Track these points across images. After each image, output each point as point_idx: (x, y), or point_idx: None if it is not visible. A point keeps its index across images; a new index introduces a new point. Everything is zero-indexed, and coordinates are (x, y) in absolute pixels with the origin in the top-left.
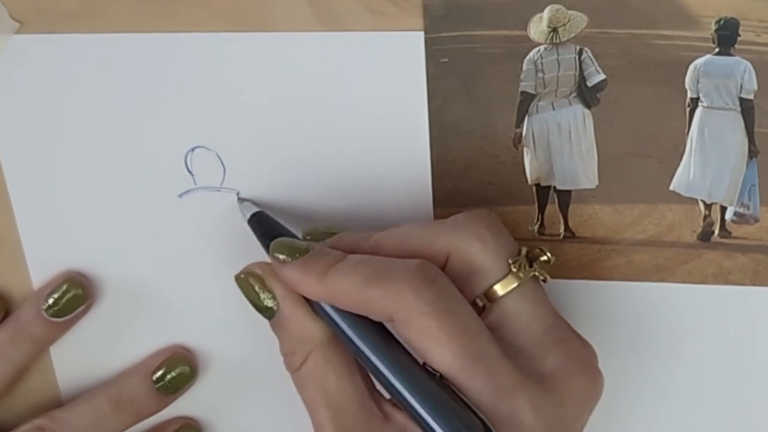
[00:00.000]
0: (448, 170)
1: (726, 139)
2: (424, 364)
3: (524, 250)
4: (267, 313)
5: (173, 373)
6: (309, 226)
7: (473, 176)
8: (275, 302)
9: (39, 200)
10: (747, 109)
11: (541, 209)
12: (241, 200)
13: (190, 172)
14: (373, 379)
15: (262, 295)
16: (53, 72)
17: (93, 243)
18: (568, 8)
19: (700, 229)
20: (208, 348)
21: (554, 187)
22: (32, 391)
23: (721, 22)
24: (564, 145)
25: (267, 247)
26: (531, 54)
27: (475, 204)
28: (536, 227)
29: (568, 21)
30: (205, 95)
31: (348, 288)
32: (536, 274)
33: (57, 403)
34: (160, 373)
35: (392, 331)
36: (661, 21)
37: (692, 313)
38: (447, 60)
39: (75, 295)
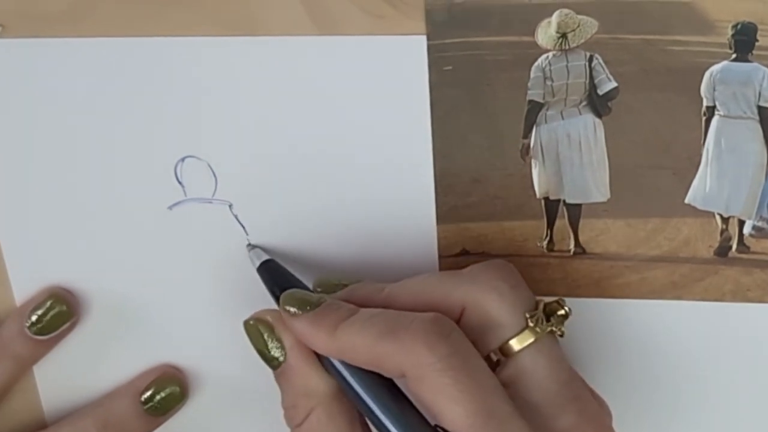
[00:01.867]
0: (453, 184)
1: (744, 150)
2: (436, 426)
3: (542, 304)
4: (273, 363)
5: (163, 394)
6: (320, 276)
7: (479, 190)
8: (283, 352)
9: (22, 212)
10: (766, 118)
11: (550, 224)
12: (251, 246)
13: (180, 183)
14: None
15: (270, 344)
16: (37, 78)
17: (79, 257)
18: (578, 12)
19: (717, 244)
20: (199, 367)
21: (564, 201)
22: (15, 412)
23: (738, 26)
24: (574, 156)
25: (276, 297)
26: (539, 61)
27: (481, 219)
28: (545, 243)
29: (578, 26)
30: (195, 102)
31: (359, 343)
32: (553, 329)
33: (41, 425)
34: (149, 393)
35: (402, 389)
36: (676, 26)
37: (709, 332)
38: (451, 68)
39: (59, 312)
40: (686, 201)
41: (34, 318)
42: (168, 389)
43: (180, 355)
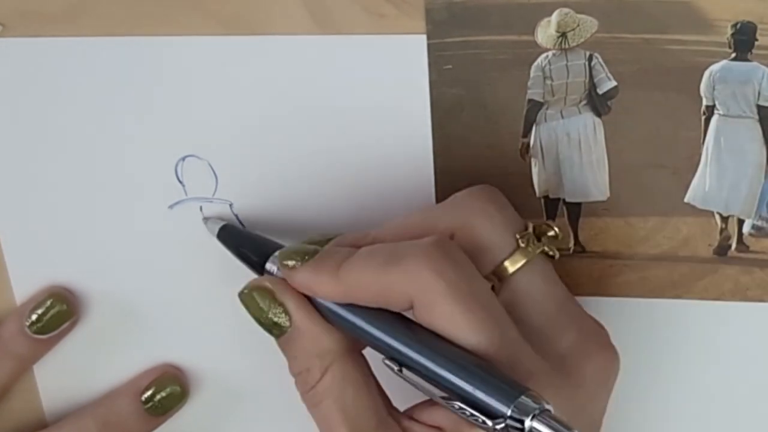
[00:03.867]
0: (453, 182)
1: (743, 149)
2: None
3: (531, 226)
4: (277, 329)
5: (163, 393)
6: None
7: None
8: (286, 317)
9: (22, 211)
10: (765, 117)
11: None
12: (205, 219)
13: (180, 182)
14: (412, 377)
15: (273, 310)
16: (37, 77)
17: (79, 257)
18: (578, 12)
19: (716, 243)
20: (199, 367)
21: (563, 200)
22: (15, 411)
23: (738, 26)
24: (574, 155)
25: (244, 259)
26: (539, 60)
27: None
28: None
29: (578, 25)
30: (196, 101)
31: (364, 279)
32: (545, 249)
33: (41, 425)
34: (149, 393)
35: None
36: (675, 25)
37: (708, 330)
38: (451, 67)
39: (59, 311)
40: (686, 200)
41: (34, 317)
42: (168, 389)
43: (180, 355)
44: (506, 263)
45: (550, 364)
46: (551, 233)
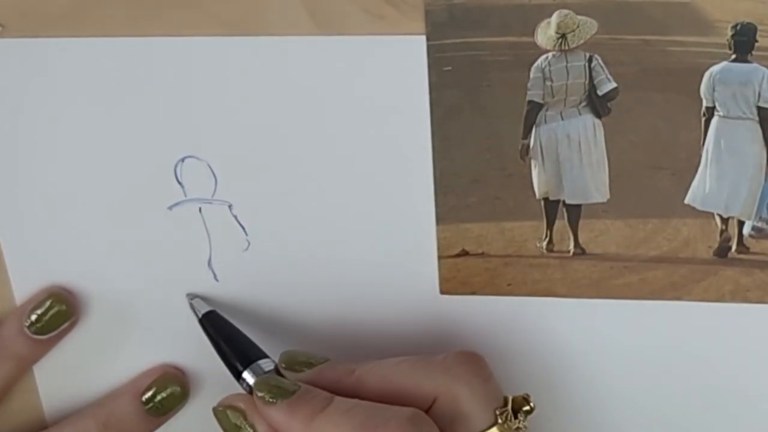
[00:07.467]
0: (452, 184)
1: (743, 150)
2: None
3: (510, 400)
4: None
5: (164, 394)
6: (286, 352)
7: (478, 190)
8: None
9: (22, 212)
10: (765, 118)
11: (550, 225)
12: (191, 296)
13: (180, 183)
14: None
15: (244, 430)
16: (37, 78)
17: (79, 257)
18: (578, 13)
19: (716, 245)
20: (200, 367)
21: (563, 202)
22: (15, 412)
23: (738, 27)
24: (573, 156)
25: (218, 349)
26: (539, 61)
27: (481, 219)
28: (544, 244)
29: (578, 27)
30: (195, 102)
31: None
32: (520, 426)
33: (41, 426)
34: (150, 393)
35: None
36: (675, 27)
37: (709, 332)
38: (450, 68)
39: (59, 312)
40: (686, 201)
41: (33, 317)
42: (169, 389)
43: (180, 355)
44: None
45: None
46: (527, 408)
